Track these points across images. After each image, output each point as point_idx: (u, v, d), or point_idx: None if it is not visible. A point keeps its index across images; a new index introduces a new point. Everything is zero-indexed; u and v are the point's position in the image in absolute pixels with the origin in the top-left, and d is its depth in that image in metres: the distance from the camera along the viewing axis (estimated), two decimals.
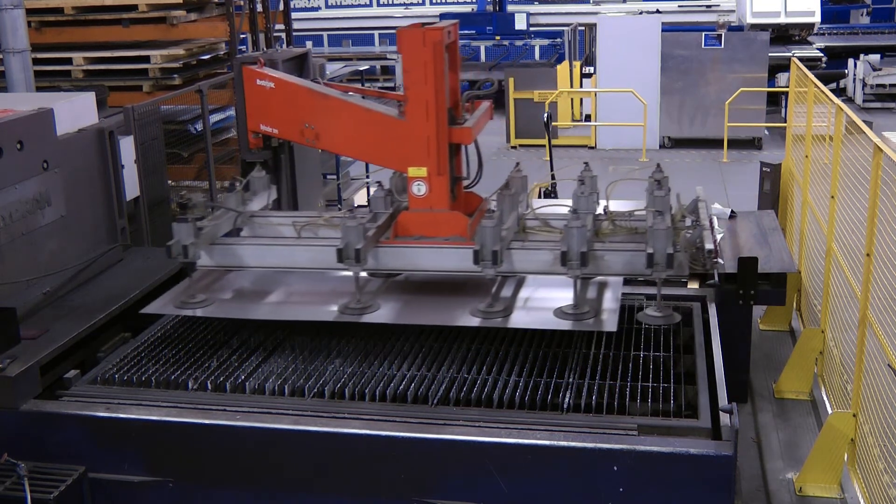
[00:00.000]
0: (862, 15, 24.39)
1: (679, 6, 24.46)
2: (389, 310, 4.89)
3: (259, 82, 5.37)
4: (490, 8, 25.34)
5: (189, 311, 5.01)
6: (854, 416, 5.47)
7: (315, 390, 4.43)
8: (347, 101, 5.22)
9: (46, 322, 4.90)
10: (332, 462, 4.09)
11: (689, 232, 4.91)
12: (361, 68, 13.43)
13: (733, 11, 21.97)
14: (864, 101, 19.29)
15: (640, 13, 20.25)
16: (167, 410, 4.31)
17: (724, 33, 16.41)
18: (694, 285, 5.54)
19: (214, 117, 8.57)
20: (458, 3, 26.51)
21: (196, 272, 5.07)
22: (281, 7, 11.37)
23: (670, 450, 3.78)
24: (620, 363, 4.60)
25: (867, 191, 5.37)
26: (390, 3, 27.32)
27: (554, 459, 3.89)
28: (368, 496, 4.12)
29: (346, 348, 4.87)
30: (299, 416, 4.19)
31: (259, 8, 10.43)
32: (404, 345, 4.89)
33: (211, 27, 9.55)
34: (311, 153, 6.75)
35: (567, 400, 4.23)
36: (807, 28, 19.21)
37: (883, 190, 5.15)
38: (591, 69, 18.30)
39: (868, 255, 5.30)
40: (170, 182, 7.64)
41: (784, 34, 19.06)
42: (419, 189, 4.94)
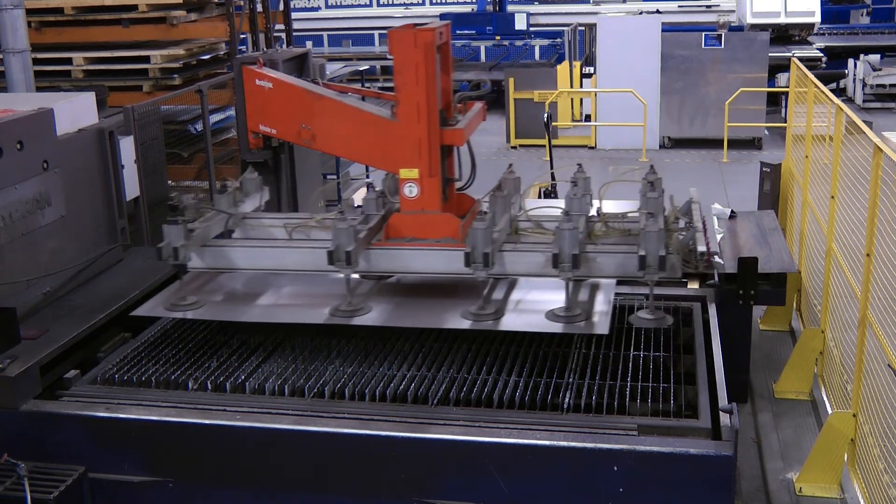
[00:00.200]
0: (862, 15, 24.37)
1: (679, 6, 24.43)
2: (380, 312, 4.86)
3: (258, 82, 5.37)
4: (490, 8, 25.29)
5: (180, 313, 4.99)
6: (854, 416, 5.47)
7: (315, 390, 4.43)
8: (341, 102, 5.19)
9: (46, 322, 4.90)
10: (332, 462, 4.09)
11: (682, 234, 4.90)
12: (361, 68, 13.45)
13: (733, 11, 21.96)
14: (864, 101, 19.29)
15: (640, 13, 20.25)
16: (167, 410, 4.30)
17: (724, 33, 16.41)
18: (694, 285, 5.54)
19: (214, 117, 8.57)
20: (457, 3, 26.48)
21: (187, 274, 5.05)
22: (281, 7, 11.37)
23: (670, 450, 3.78)
24: (620, 363, 4.59)
25: (867, 191, 5.37)
26: (390, 3, 27.29)
27: (554, 459, 3.88)
28: (368, 496, 4.12)
29: (345, 348, 4.86)
30: (299, 417, 4.19)
31: (259, 8, 10.44)
32: (404, 345, 4.88)
33: (211, 27, 9.56)
34: (311, 153, 6.74)
35: (567, 400, 4.22)
36: (807, 28, 19.20)
37: (883, 190, 5.15)
38: (591, 69, 18.29)
39: (868, 255, 5.30)
40: (170, 182, 7.64)
41: (784, 34, 19.05)
42: (411, 191, 4.90)
